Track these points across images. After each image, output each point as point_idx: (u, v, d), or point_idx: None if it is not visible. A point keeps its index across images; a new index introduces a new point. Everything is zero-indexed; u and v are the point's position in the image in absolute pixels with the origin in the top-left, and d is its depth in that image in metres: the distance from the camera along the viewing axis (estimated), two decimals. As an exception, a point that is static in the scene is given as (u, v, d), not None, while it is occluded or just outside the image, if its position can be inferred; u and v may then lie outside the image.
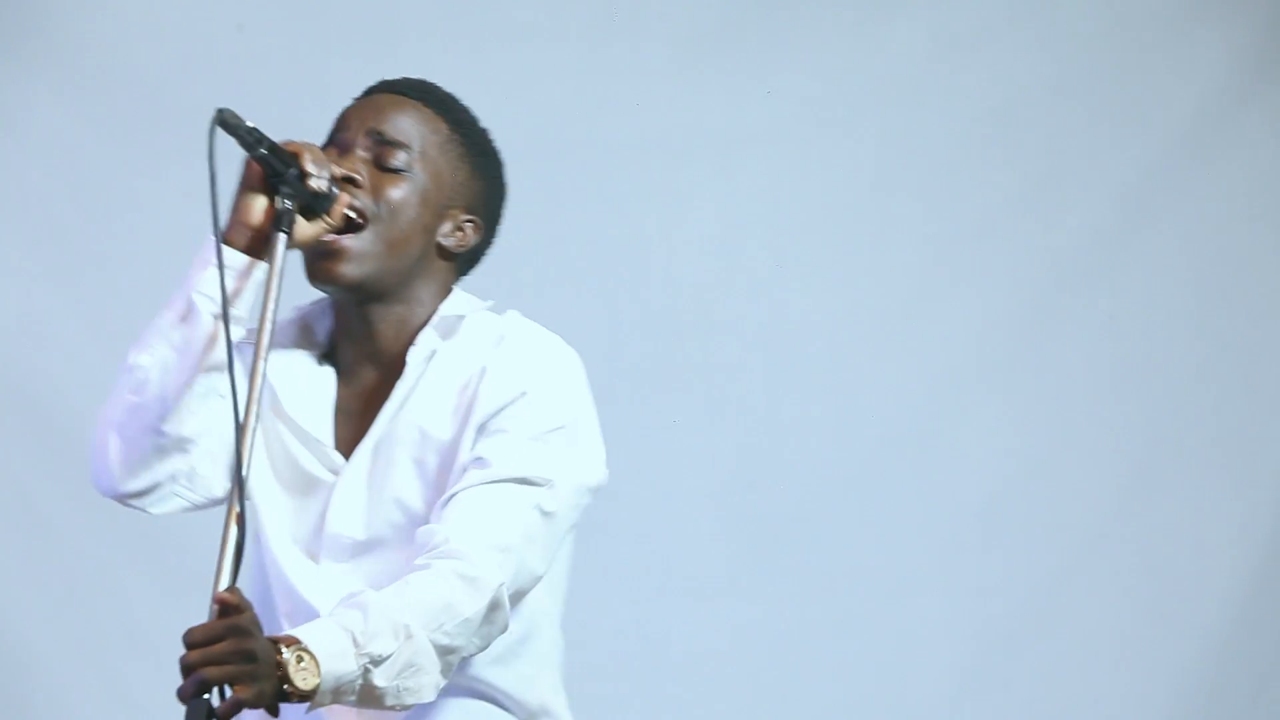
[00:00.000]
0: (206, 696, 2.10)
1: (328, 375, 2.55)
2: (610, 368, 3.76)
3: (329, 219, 2.44)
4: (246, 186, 2.43)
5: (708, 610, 4.18)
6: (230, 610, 2.14)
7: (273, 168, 2.41)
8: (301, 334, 2.58)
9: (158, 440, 2.46)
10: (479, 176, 2.59)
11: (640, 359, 4.16)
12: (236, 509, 2.20)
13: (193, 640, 2.14)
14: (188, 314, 2.43)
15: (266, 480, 2.55)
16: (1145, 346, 4.79)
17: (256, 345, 2.33)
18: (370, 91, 2.61)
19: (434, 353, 2.51)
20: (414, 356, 2.49)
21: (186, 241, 5.00)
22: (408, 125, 2.55)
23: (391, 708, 2.25)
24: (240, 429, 2.25)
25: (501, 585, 2.32)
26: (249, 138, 2.40)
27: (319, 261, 2.47)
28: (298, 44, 4.59)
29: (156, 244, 4.64)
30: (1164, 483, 4.77)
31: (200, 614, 4.42)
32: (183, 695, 2.14)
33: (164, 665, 4.70)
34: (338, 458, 2.50)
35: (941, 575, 4.74)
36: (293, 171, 2.41)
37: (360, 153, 2.53)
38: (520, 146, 3.97)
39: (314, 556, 2.47)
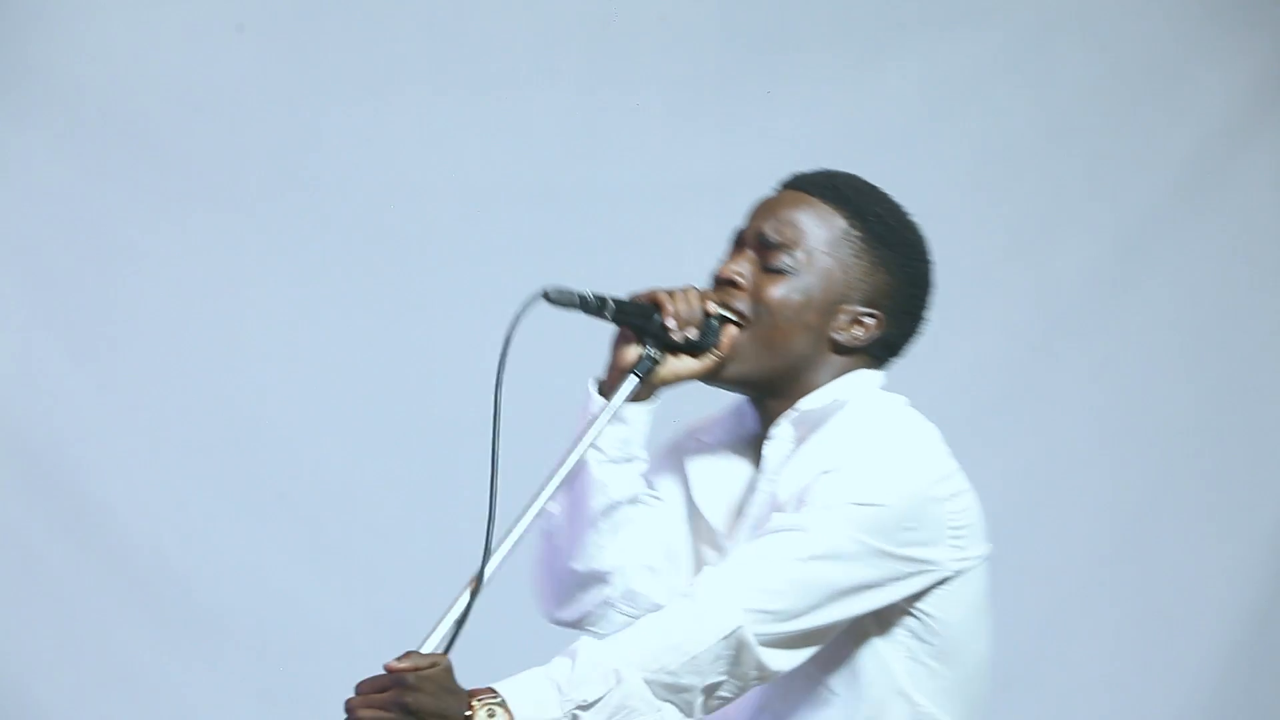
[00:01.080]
0: None
1: (743, 463, 2.63)
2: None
3: (717, 352, 2.54)
4: (622, 339, 2.57)
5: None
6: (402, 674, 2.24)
7: (633, 324, 2.48)
8: (734, 419, 2.67)
9: (576, 577, 2.59)
10: (881, 269, 2.65)
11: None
12: (475, 583, 2.32)
13: (360, 688, 2.26)
14: (580, 467, 2.54)
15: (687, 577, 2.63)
16: (1140, 391, 4.80)
17: (561, 467, 2.48)
18: (782, 185, 2.69)
19: (795, 444, 2.55)
20: (769, 450, 2.57)
21: (182, 287, 5.02)
22: (796, 224, 2.62)
23: None
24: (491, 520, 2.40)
25: (740, 626, 2.35)
26: (591, 306, 2.49)
27: None
28: (297, 72, 4.61)
29: (154, 290, 4.66)
30: (1158, 527, 4.78)
31: (199, 660, 4.39)
32: None
33: (160, 713, 4.70)
34: (727, 545, 2.60)
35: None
36: (656, 321, 2.51)
37: (750, 252, 2.62)
38: (514, 192, 3.99)
39: None
